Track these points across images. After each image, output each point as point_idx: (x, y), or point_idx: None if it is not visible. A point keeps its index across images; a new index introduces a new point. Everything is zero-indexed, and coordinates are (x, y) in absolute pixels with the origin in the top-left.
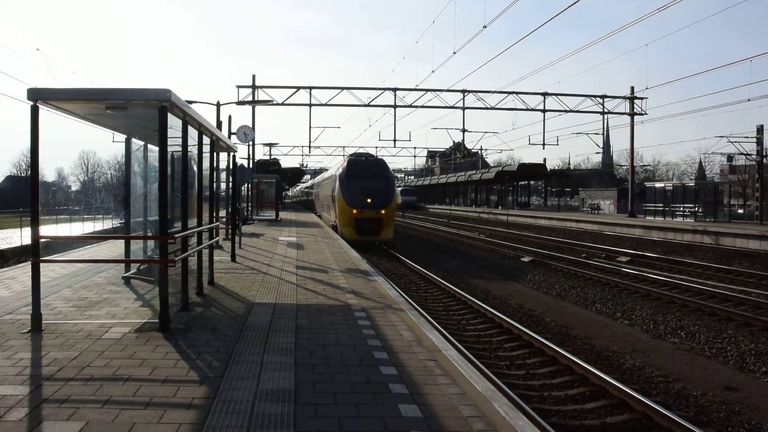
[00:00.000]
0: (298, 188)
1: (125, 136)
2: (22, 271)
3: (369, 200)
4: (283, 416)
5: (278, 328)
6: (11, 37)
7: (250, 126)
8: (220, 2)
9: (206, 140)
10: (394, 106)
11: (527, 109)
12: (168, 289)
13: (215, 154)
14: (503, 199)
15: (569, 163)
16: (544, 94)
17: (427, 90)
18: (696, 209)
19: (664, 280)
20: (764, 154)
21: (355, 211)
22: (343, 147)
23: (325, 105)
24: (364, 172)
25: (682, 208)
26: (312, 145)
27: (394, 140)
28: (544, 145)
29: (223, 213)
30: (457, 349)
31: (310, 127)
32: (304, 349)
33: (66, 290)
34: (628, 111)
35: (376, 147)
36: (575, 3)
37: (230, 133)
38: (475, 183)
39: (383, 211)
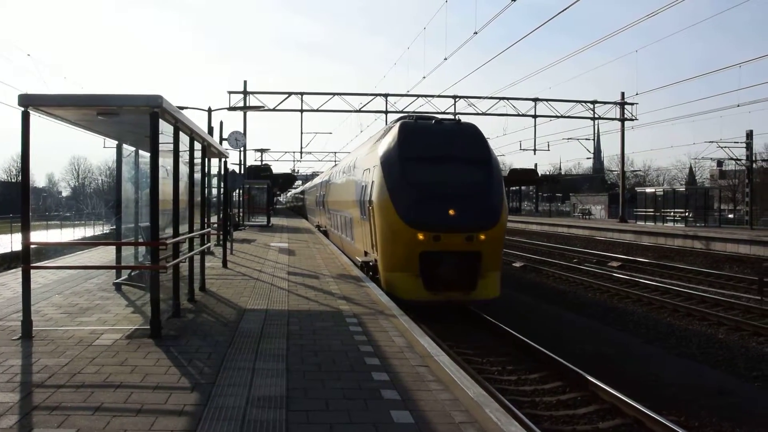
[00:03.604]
0: (289, 194)
1: (116, 142)
2: (13, 277)
3: (452, 212)
4: (275, 423)
5: (270, 335)
6: (2, 43)
7: (242, 132)
8: (216, 8)
9: (198, 146)
10: (386, 112)
11: (518, 115)
12: (159, 296)
13: (207, 159)
14: None
15: (560, 169)
16: (535, 100)
17: (418, 96)
18: (686, 214)
19: (655, 285)
20: (754, 159)
21: (421, 237)
22: (335, 153)
23: (317, 111)
24: (437, 151)
25: (672, 213)
26: (303, 150)
27: None
28: (535, 150)
29: (214, 219)
30: (449, 354)
31: (301, 133)
32: (295, 355)
33: (57, 296)
34: (618, 116)
35: None
36: (565, 10)
37: (222, 139)
38: None
39: (483, 237)
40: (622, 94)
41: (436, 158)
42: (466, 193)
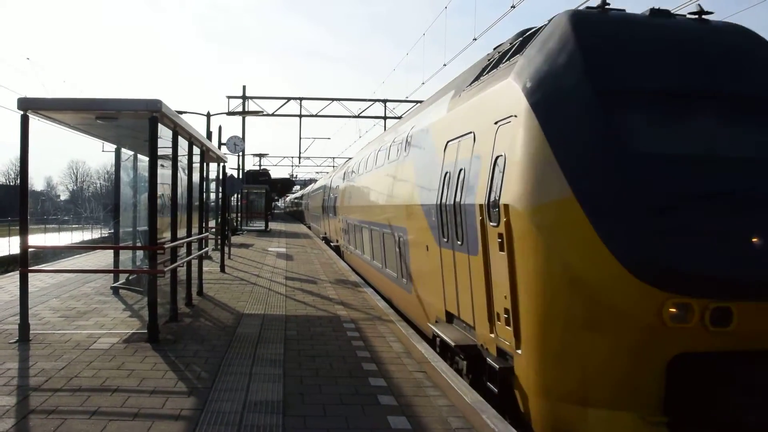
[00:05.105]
0: (288, 199)
1: (115, 146)
2: (10, 280)
3: (756, 240)
4: (272, 428)
5: (267, 339)
6: (1, 46)
7: (240, 136)
8: (218, 12)
9: (196, 150)
10: (384, 118)
11: None
12: (157, 300)
13: (205, 164)
14: None
15: None
16: None
17: (417, 101)
18: None
19: None
20: None
21: (673, 310)
22: (333, 158)
23: (315, 116)
24: (682, 78)
25: None
26: (302, 155)
27: None
28: None
29: (212, 223)
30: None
31: (300, 138)
32: (293, 360)
33: (54, 300)
34: None
35: None
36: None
37: (220, 144)
38: None
39: None
40: None
41: (682, 96)
42: None
